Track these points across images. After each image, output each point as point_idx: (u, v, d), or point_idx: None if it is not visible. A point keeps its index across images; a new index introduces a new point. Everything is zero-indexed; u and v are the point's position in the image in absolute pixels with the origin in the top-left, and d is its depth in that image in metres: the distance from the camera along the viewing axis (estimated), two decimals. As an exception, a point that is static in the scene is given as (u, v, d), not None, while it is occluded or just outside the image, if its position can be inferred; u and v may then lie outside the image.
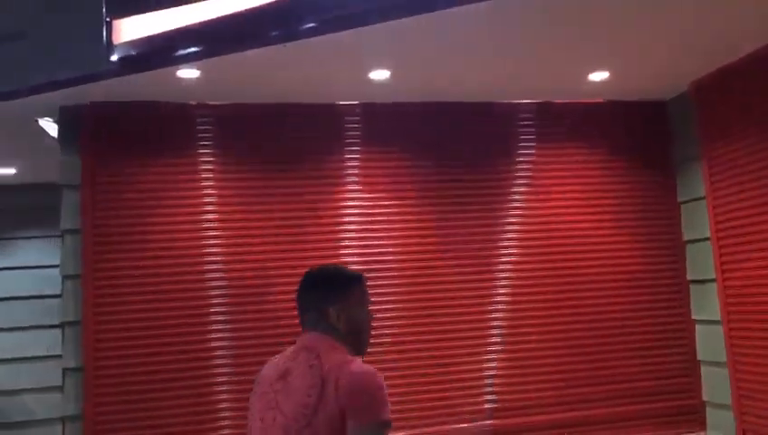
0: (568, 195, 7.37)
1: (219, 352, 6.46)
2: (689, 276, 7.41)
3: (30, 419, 9.06)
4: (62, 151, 6.52)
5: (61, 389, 6.48)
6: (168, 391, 6.30)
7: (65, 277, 6.42)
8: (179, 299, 6.45)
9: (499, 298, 7.10)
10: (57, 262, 6.74)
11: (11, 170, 8.60)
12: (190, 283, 6.49)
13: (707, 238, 7.03)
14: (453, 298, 6.98)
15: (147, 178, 6.56)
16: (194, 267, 6.51)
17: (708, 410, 7.23)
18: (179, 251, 6.52)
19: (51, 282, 8.47)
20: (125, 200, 6.50)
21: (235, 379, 6.39)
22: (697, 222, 7.21)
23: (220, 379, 6.40)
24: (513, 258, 7.18)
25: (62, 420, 6.32)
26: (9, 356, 9.25)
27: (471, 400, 6.91)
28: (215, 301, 6.52)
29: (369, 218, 6.95)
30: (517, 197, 7.31)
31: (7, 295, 9.34)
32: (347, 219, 6.92)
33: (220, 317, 6.51)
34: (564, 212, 7.34)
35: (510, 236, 7.22)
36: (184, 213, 6.57)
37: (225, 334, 6.49)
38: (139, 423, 6.22)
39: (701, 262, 7.20)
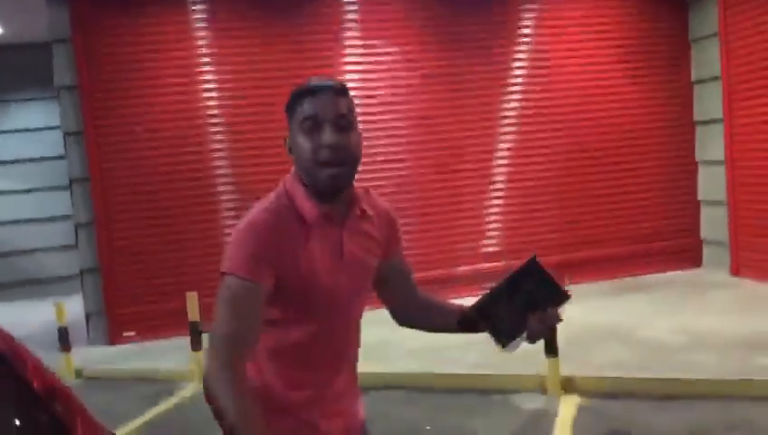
0: (575, 35, 7.13)
1: (222, 187, 6.57)
2: (696, 117, 7.33)
3: (47, 276, 9.40)
4: (50, 4, 6.24)
5: (74, 246, 6.66)
6: (179, 225, 6.43)
7: (66, 134, 6.39)
8: (180, 148, 6.45)
9: (504, 141, 7.09)
10: (55, 124, 6.67)
11: (-2, 29, 8.31)
12: (190, 128, 6.45)
13: (717, 78, 6.88)
14: (457, 144, 6.96)
15: (139, 30, 6.34)
16: (192, 113, 6.45)
17: (705, 248, 7.43)
18: (177, 97, 6.44)
19: (52, 144, 8.47)
20: (119, 54, 6.32)
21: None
22: (708, 61, 7.02)
23: (224, 204, 6.55)
24: (517, 102, 7.08)
25: (80, 272, 6.54)
26: (21, 218, 9.45)
27: (474, 243, 7.10)
28: (215, 145, 6.53)
29: (371, 66, 6.79)
30: (523, 37, 7.07)
31: (10, 159, 9.37)
32: (348, 67, 6.76)
33: (221, 163, 6.55)
34: (570, 53, 7.12)
35: (516, 78, 7.07)
36: (178, 58, 6.41)
37: (227, 170, 6.57)
38: (150, 268, 6.39)
39: (709, 102, 7.09)
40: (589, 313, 5.88)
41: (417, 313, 1.84)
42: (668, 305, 6.03)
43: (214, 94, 6.54)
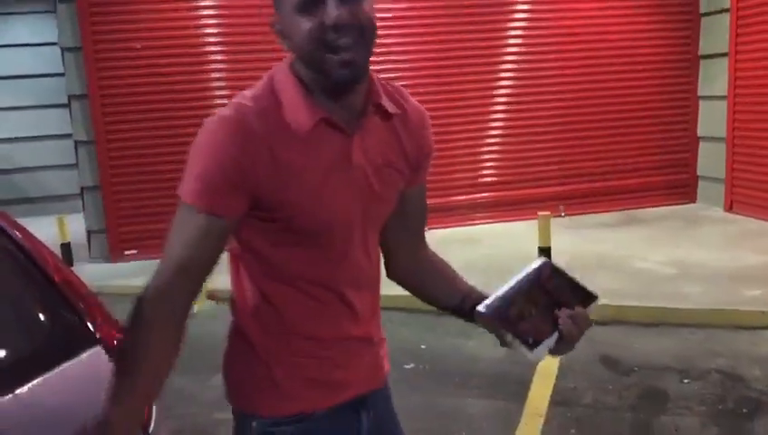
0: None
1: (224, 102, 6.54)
2: (701, 51, 7.25)
3: (47, 194, 9.43)
4: None
5: (75, 166, 6.67)
6: (180, 143, 6.39)
7: (65, 50, 6.30)
8: (181, 66, 6.39)
9: (504, 73, 7.02)
10: (54, 39, 6.56)
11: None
12: (190, 46, 6.37)
13: (726, 9, 6.77)
14: (456, 73, 6.91)
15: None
16: (192, 30, 6.37)
17: (701, 183, 7.50)
18: (178, 13, 6.33)
19: (51, 60, 8.33)
20: (117, -33, 6.18)
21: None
22: (717, -7, 6.91)
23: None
24: (518, 31, 6.98)
25: (81, 189, 6.58)
26: (19, 135, 9.39)
27: (472, 174, 7.14)
28: (216, 62, 6.47)
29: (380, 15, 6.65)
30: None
31: (7, 74, 9.24)
32: None
33: (223, 77, 6.50)
34: (578, -17, 7.00)
35: (515, 15, 6.95)
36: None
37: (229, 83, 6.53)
38: (150, 186, 6.41)
39: (715, 36, 7.00)
40: (582, 243, 6.00)
41: (418, 273, 1.47)
42: (661, 238, 6.15)
43: (215, 11, 6.42)
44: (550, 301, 1.30)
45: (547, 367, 3.78)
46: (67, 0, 6.15)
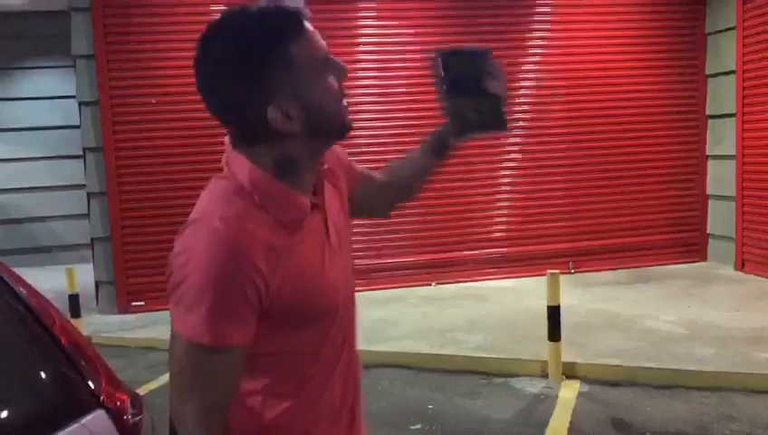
0: (588, 24, 7.11)
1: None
2: (708, 111, 7.32)
3: (59, 243, 9.49)
4: (68, -28, 6.28)
5: (86, 215, 6.73)
6: (191, 197, 6.44)
7: (82, 104, 6.44)
8: (194, 121, 6.49)
9: (514, 131, 7.09)
10: (72, 92, 6.72)
11: (17, -4, 8.33)
12: (201, 102, 6.48)
13: (732, 72, 6.86)
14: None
15: (156, 2, 6.37)
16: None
17: (711, 241, 7.45)
18: (192, 70, 6.45)
19: (68, 112, 8.51)
20: (136, 25, 6.35)
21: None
22: (723, 54, 7.00)
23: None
24: (529, 90, 7.09)
25: (91, 240, 6.62)
26: (35, 185, 9.51)
27: (482, 229, 7.14)
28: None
29: (385, 48, 6.80)
30: (537, 27, 7.06)
31: (26, 126, 9.42)
32: (362, 48, 6.77)
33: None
34: (583, 44, 7.11)
35: (529, 67, 7.07)
36: (193, 30, 6.38)
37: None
38: (160, 238, 6.40)
39: (722, 96, 7.07)
40: (593, 301, 5.94)
41: (393, 187, 1.56)
42: (672, 297, 6.08)
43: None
44: (465, 78, 1.38)
45: (558, 429, 3.70)
46: (86, 56, 6.32)
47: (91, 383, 1.44)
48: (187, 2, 6.43)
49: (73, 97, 6.71)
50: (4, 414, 1.38)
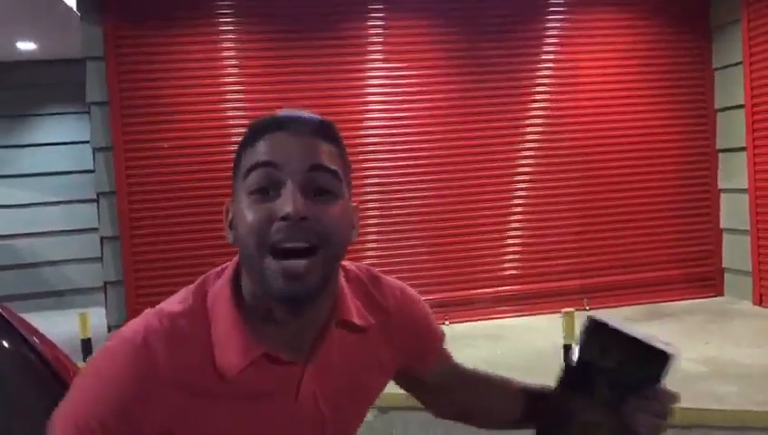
0: (597, 61, 7.17)
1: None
2: (718, 145, 7.31)
3: (71, 287, 9.52)
4: (83, 22, 6.42)
5: (99, 259, 6.76)
6: (204, 241, 6.42)
7: (96, 150, 6.53)
8: (206, 165, 6.55)
9: (525, 168, 7.11)
10: (85, 138, 6.83)
11: (31, 45, 8.52)
12: (215, 146, 6.55)
13: (741, 106, 6.87)
14: (478, 167, 7.01)
15: (169, 49, 6.50)
16: (218, 131, 6.57)
17: (727, 276, 7.37)
18: (204, 115, 6.56)
19: (81, 158, 8.62)
20: (149, 71, 6.47)
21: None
22: (731, 89, 7.02)
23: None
24: (538, 127, 7.12)
25: (104, 284, 6.64)
26: (48, 229, 9.60)
27: (495, 267, 7.10)
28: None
29: (393, 89, 6.87)
30: (544, 64, 7.13)
31: (40, 171, 9.55)
32: (370, 90, 6.85)
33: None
34: (592, 79, 7.16)
35: (536, 105, 7.11)
36: (206, 76, 6.54)
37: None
38: (172, 281, 6.44)
39: (732, 130, 7.07)
40: (608, 339, 5.84)
41: (470, 400, 1.23)
42: (690, 334, 5.98)
43: (240, 113, 6.65)
44: (613, 383, 0.95)
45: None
46: (100, 103, 6.43)
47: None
48: (197, 50, 6.56)
49: (87, 142, 6.81)
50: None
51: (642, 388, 0.96)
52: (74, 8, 6.56)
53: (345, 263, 1.01)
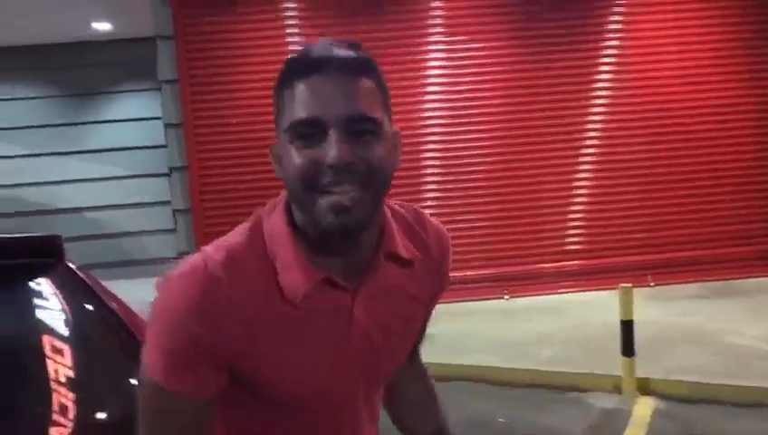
0: (667, 30, 6.94)
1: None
2: (792, 118, 6.99)
3: (148, 257, 9.98)
4: (155, 3, 6.67)
5: (173, 230, 7.11)
6: None
7: (167, 126, 6.82)
8: (273, 141, 6.74)
9: (591, 141, 7.00)
10: (158, 114, 7.14)
11: (106, 25, 8.89)
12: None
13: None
14: (541, 141, 6.94)
15: (236, 28, 6.69)
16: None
17: (800, 253, 7.09)
18: (269, 92, 6.62)
19: (154, 134, 8.98)
20: (217, 50, 6.70)
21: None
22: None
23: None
24: (605, 101, 6.98)
25: (178, 255, 6.98)
26: (123, 202, 10.07)
27: (558, 241, 7.06)
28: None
29: (455, 63, 6.86)
30: (613, 33, 6.95)
31: (116, 146, 10.00)
32: (432, 63, 6.87)
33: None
34: (661, 51, 6.95)
35: (603, 75, 6.97)
36: (270, 54, 6.67)
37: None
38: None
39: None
40: (672, 315, 5.76)
41: (398, 390, 1.27)
42: (759, 312, 5.82)
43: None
44: None
45: (631, 447, 3.64)
46: (171, 81, 6.70)
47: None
48: (263, 28, 6.72)
49: (159, 119, 7.11)
50: (103, 416, 1.54)
51: None
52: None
53: (390, 202, 1.07)
